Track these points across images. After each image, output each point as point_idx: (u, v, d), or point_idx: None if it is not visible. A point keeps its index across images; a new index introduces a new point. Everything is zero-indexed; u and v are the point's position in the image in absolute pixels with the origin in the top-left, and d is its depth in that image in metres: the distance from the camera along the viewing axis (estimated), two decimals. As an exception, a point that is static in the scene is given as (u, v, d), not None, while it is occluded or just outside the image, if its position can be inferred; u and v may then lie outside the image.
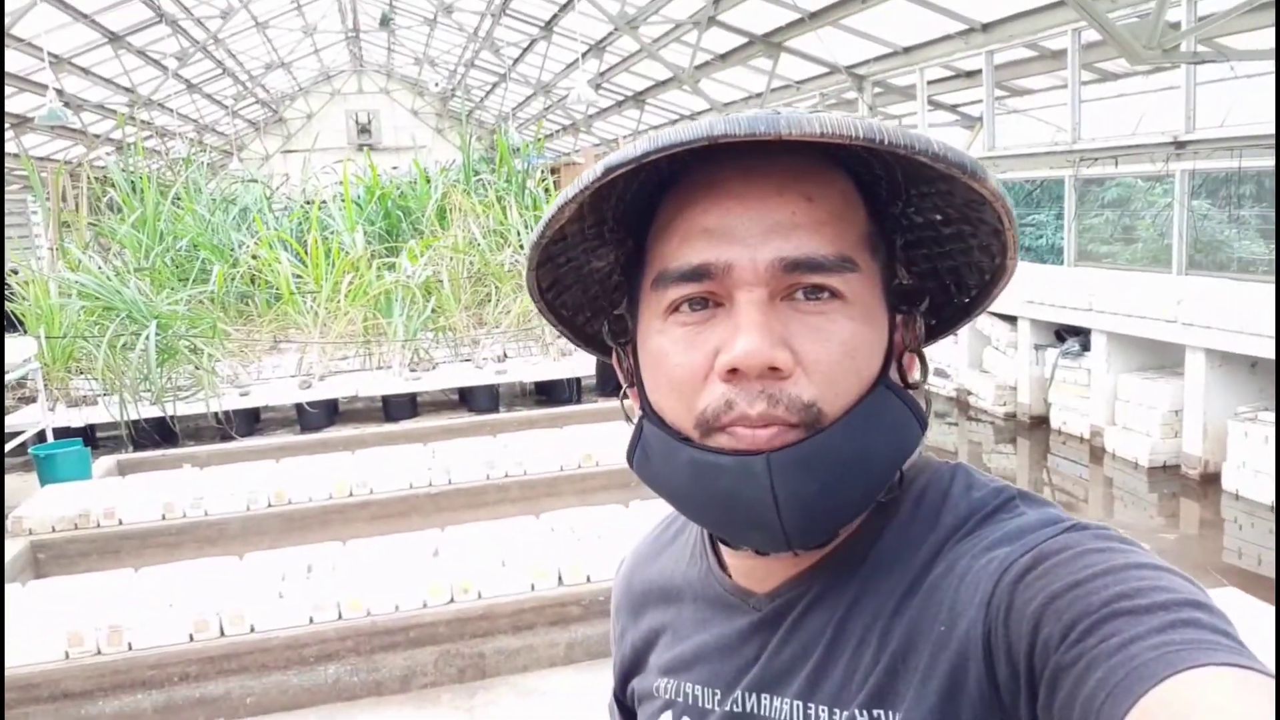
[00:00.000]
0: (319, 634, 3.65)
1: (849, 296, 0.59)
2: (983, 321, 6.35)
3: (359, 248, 8.92)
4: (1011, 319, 5.98)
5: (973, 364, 6.45)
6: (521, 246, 9.23)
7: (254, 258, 9.12)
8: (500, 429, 6.28)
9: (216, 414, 7.38)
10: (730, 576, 0.69)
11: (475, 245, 9.29)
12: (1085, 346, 5.47)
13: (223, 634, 3.63)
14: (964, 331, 6.58)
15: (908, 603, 0.59)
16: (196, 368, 7.67)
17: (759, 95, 11.18)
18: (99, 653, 3.54)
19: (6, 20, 8.35)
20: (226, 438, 7.14)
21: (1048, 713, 0.48)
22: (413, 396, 8.02)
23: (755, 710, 0.65)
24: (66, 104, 9.79)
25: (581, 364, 8.23)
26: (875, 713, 0.58)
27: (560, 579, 3.91)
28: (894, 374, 0.63)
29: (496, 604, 3.81)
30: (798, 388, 0.58)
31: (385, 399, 8.01)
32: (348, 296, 8.46)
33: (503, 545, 4.14)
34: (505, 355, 8.68)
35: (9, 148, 13.42)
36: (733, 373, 0.58)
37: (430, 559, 4.07)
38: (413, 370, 8.28)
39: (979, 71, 7.70)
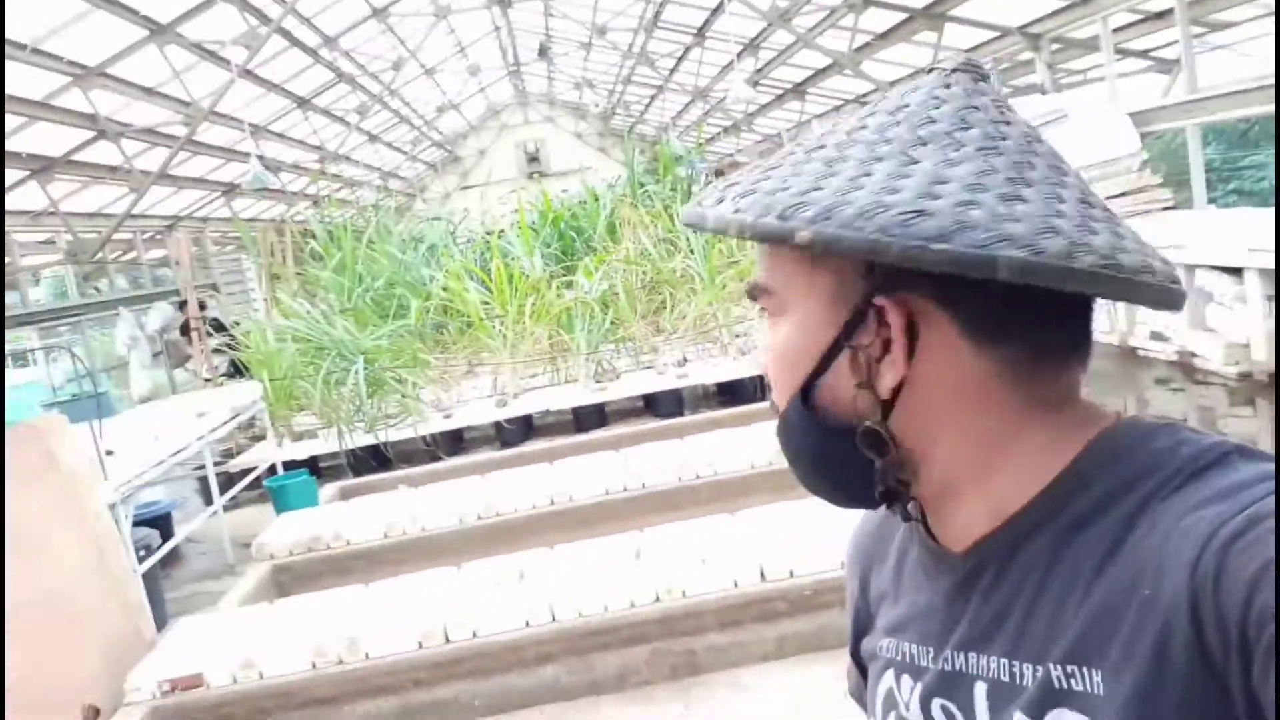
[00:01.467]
0: (536, 636, 3.78)
1: (779, 313, 0.69)
2: (1202, 276, 5.83)
3: (538, 270, 9.24)
4: (1236, 270, 5.45)
5: (1194, 323, 5.93)
6: (692, 251, 9.28)
7: (444, 290, 9.60)
8: (688, 431, 6.32)
9: (424, 437, 7.82)
10: (934, 538, 0.72)
11: (647, 255, 9.43)
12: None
13: (448, 640, 3.82)
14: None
15: (1110, 562, 0.58)
16: (403, 396, 8.15)
17: (926, 69, 10.75)
18: (340, 662, 3.81)
19: (214, 98, 9.19)
20: (435, 458, 7.54)
21: (1265, 684, 0.47)
22: (600, 407, 8.21)
23: (964, 668, 0.67)
24: (266, 167, 10.68)
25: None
26: (1070, 668, 0.58)
27: (763, 575, 3.87)
28: (842, 377, 0.66)
29: (702, 602, 3.82)
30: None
31: (575, 411, 8.23)
32: (532, 317, 8.77)
33: (702, 544, 4.15)
34: (685, 359, 8.74)
35: (223, 212, 14.80)
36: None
37: (633, 560, 4.13)
38: (598, 381, 8.48)
39: (1171, 10, 7.10)
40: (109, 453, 4.69)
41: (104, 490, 4.50)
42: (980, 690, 0.65)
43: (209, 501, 7.18)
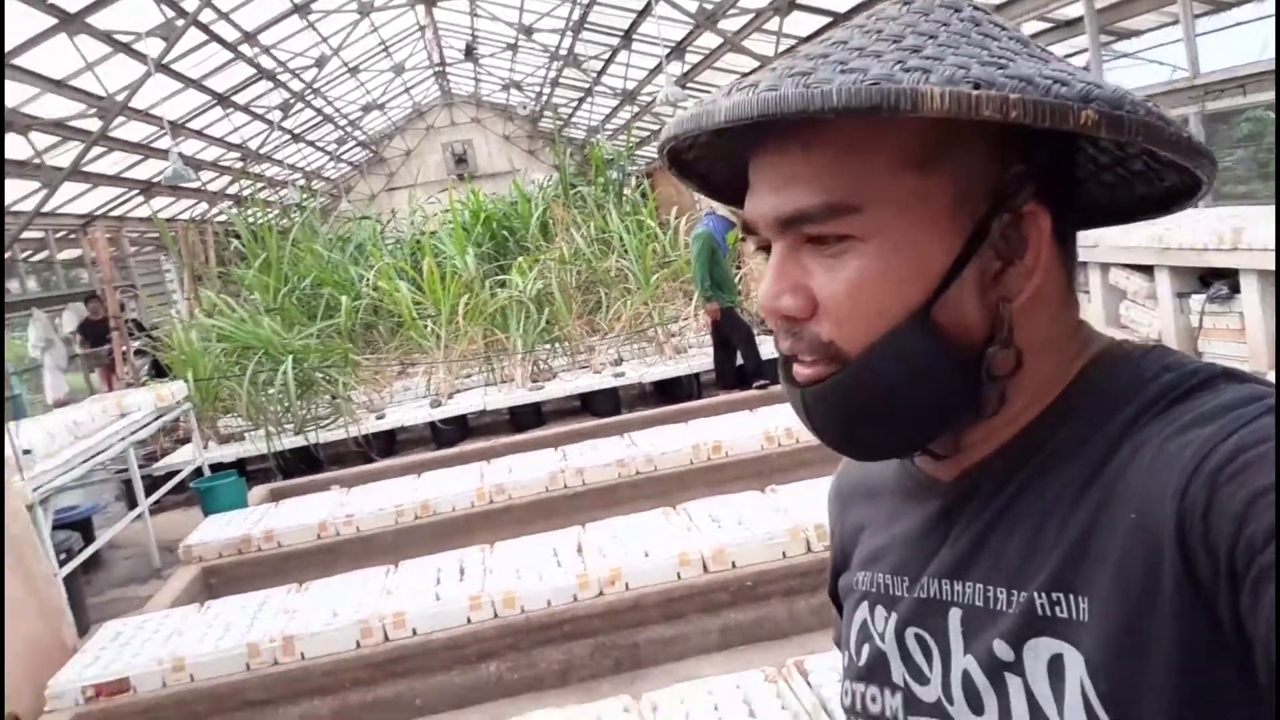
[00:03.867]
0: (477, 633, 3.75)
1: (862, 235, 0.59)
2: (1115, 275, 6.06)
3: (471, 269, 9.15)
4: (1147, 269, 5.68)
5: (1109, 321, 6.16)
6: (625, 251, 9.30)
7: (374, 289, 9.45)
8: (627, 429, 6.33)
9: (356, 438, 7.68)
10: (920, 467, 0.70)
11: (581, 255, 9.42)
12: (1235, 289, 5.15)
13: (387, 639, 3.76)
14: (1094, 287, 6.30)
15: (1092, 486, 0.57)
16: (333, 397, 7.99)
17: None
18: (276, 663, 3.72)
19: (129, 92, 8.90)
20: (367, 460, 7.41)
21: (1252, 614, 0.47)
22: (537, 406, 8.17)
23: (939, 595, 0.65)
24: (186, 164, 10.36)
25: (699, 361, 8.23)
26: (1056, 595, 0.56)
27: (705, 567, 3.91)
28: (968, 294, 0.59)
29: (645, 594, 3.84)
30: (818, 327, 0.61)
31: (511, 411, 8.18)
32: (465, 317, 8.69)
33: (644, 537, 4.16)
34: (621, 359, 8.75)
35: (140, 211, 14.31)
36: (770, 319, 0.63)
37: (575, 555, 4.13)
38: (534, 381, 8.43)
39: (1079, 19, 7.37)
40: (26, 451, 4.50)
41: (22, 490, 4.31)
42: (955, 616, 0.63)
43: (132, 505, 6.93)
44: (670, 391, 8.27)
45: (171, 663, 3.71)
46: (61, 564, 4.76)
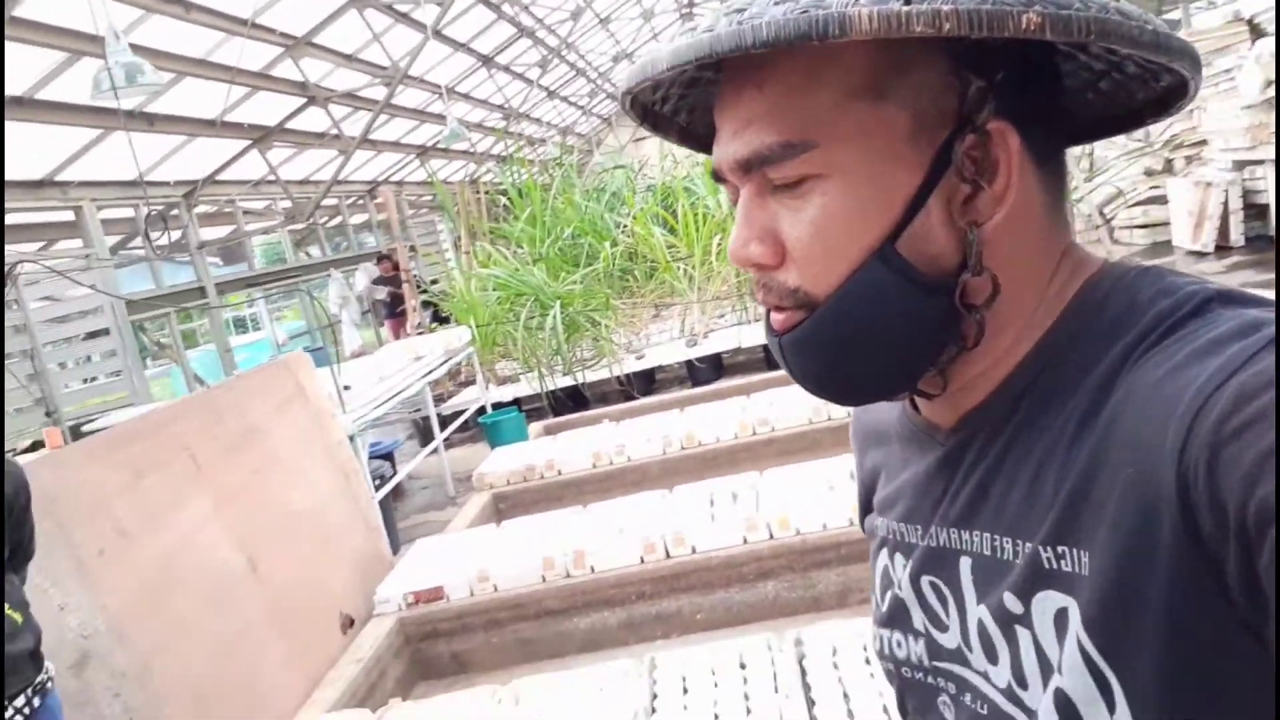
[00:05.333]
0: (754, 553, 3.83)
1: (822, 171, 0.57)
2: None
3: (724, 209, 9.20)
4: None
5: None
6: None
7: (630, 235, 9.74)
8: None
9: (618, 378, 8.02)
10: (920, 413, 0.69)
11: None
12: None
13: (668, 556, 3.93)
14: None
15: (1088, 430, 0.54)
16: (596, 339, 8.37)
17: None
18: (568, 576, 3.99)
19: (410, 59, 9.61)
20: (629, 398, 7.73)
21: (1270, 572, 0.43)
22: (793, 342, 8.14)
23: (949, 543, 0.65)
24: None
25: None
26: (1060, 549, 0.55)
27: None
28: (936, 223, 0.57)
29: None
30: (785, 274, 0.60)
31: (765, 349, 8.20)
32: (718, 257, 8.77)
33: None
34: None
35: (416, 176, 15.55)
36: (740, 267, 0.63)
37: (848, 481, 4.10)
38: (790, 318, 8.39)
39: None
40: (346, 387, 5.06)
41: (344, 422, 4.86)
42: (965, 565, 0.63)
43: (425, 442, 7.66)
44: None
45: (478, 574, 4.08)
46: (376, 489, 5.34)
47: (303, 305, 14.24)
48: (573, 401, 8.16)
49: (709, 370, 8.16)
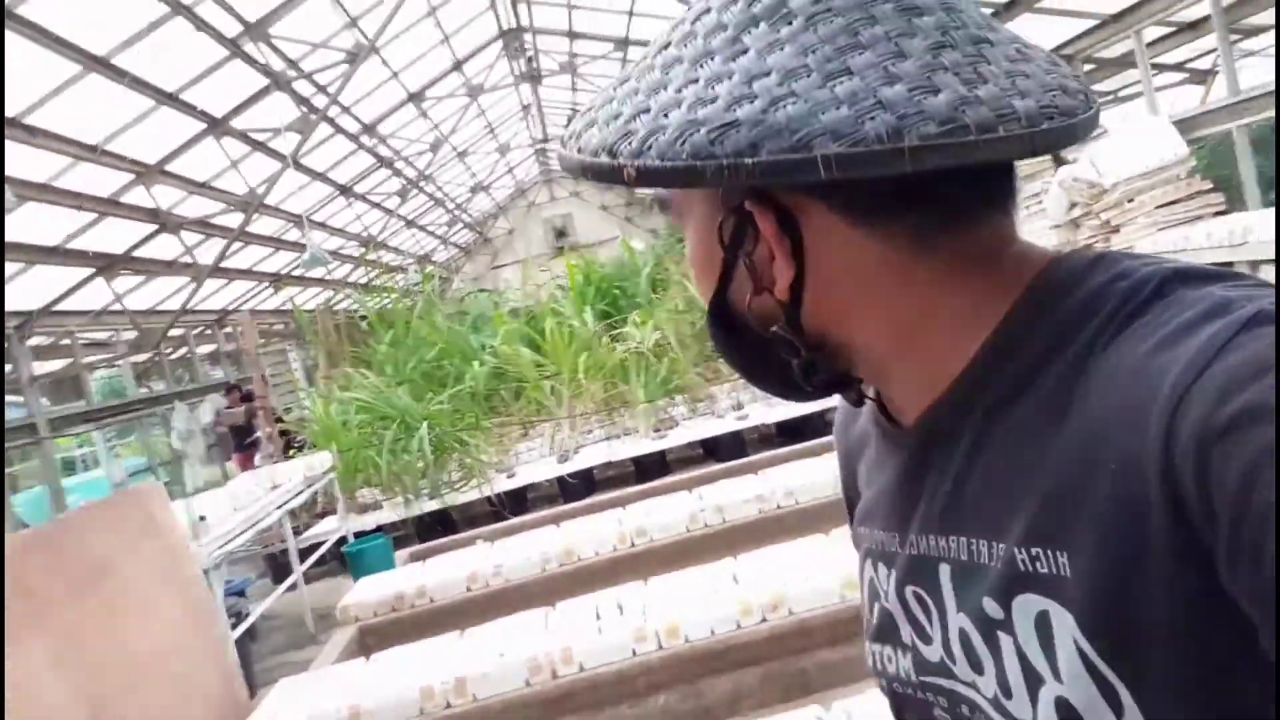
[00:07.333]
0: (644, 665, 3.74)
1: (683, 223, 0.67)
2: (1265, 271, 5.79)
3: (590, 326, 9.35)
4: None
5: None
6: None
7: (496, 355, 9.74)
8: (761, 468, 6.28)
9: (489, 498, 7.84)
10: (889, 418, 0.69)
11: (695, 304, 9.51)
12: None
13: (555, 676, 3.78)
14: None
15: (1056, 430, 0.53)
16: (466, 460, 8.21)
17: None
18: (449, 707, 3.77)
19: (267, 185, 9.50)
20: (500, 518, 7.53)
21: (1271, 570, 0.42)
22: (662, 455, 8.22)
23: (927, 551, 0.64)
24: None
25: (825, 400, 8.13)
26: (1034, 550, 0.54)
27: (868, 587, 3.82)
28: (748, 288, 0.63)
29: (810, 618, 3.77)
30: None
31: (637, 461, 8.24)
32: (586, 374, 8.85)
33: (803, 563, 4.10)
34: (740, 404, 8.74)
35: (272, 303, 15.14)
36: None
37: (732, 585, 4.09)
38: (657, 431, 8.48)
39: (1206, 18, 7.20)
40: (201, 518, 4.75)
41: (198, 555, 4.55)
42: (945, 572, 0.62)
43: (276, 580, 7.24)
44: (794, 433, 8.19)
45: (349, 712, 3.80)
46: (233, 627, 4.97)
47: (142, 440, 13.40)
48: (441, 526, 7.90)
49: (581, 486, 8.10)
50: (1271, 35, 7.83)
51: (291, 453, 8.84)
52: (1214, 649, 0.47)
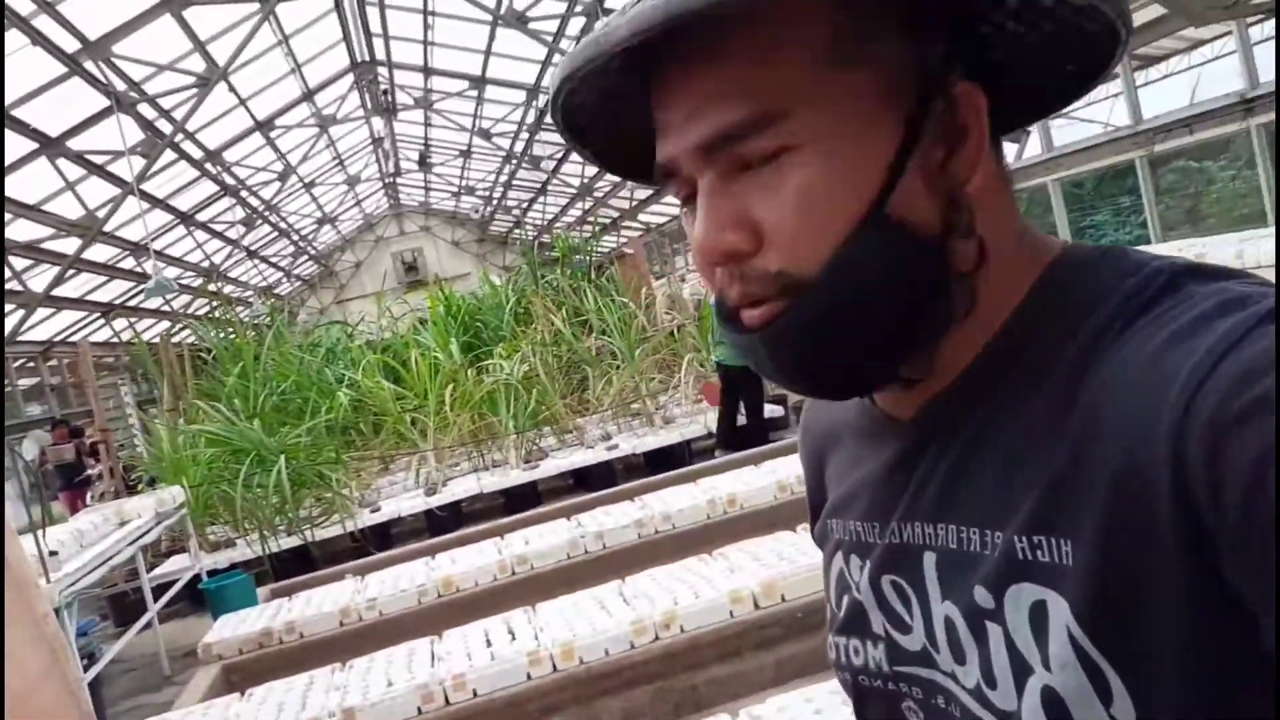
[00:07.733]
0: (538, 689, 3.74)
1: (796, 142, 0.54)
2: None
3: (456, 358, 9.26)
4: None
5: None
6: (605, 330, 9.50)
7: (355, 388, 9.49)
8: (635, 495, 6.39)
9: (352, 534, 7.60)
10: (878, 406, 0.66)
11: (561, 337, 9.59)
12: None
13: (448, 703, 3.73)
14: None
15: (1066, 415, 0.52)
16: (326, 493, 7.93)
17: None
18: (337, 739, 3.66)
19: (105, 211, 8.97)
20: (364, 553, 7.31)
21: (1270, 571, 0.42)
22: (534, 486, 8.20)
23: (911, 539, 0.62)
24: (161, 282, 10.40)
25: (691, 429, 8.37)
26: (1036, 538, 0.52)
27: (756, 603, 3.97)
28: (918, 186, 0.55)
29: (700, 635, 3.88)
30: (765, 260, 0.55)
31: (506, 493, 8.19)
32: (452, 406, 8.75)
33: (692, 582, 4.22)
34: (609, 434, 8.85)
35: (102, 335, 14.17)
36: (712, 262, 0.57)
37: (624, 606, 4.16)
38: (527, 462, 8.47)
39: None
40: (53, 553, 4.43)
41: (50, 593, 4.23)
42: (929, 561, 0.60)
43: (119, 622, 6.77)
44: (662, 462, 8.35)
45: (224, 751, 3.63)
46: (85, 669, 4.63)
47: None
48: (300, 562, 7.58)
49: (449, 520, 7.96)
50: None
51: (141, 487, 8.31)
52: (1211, 637, 0.46)
